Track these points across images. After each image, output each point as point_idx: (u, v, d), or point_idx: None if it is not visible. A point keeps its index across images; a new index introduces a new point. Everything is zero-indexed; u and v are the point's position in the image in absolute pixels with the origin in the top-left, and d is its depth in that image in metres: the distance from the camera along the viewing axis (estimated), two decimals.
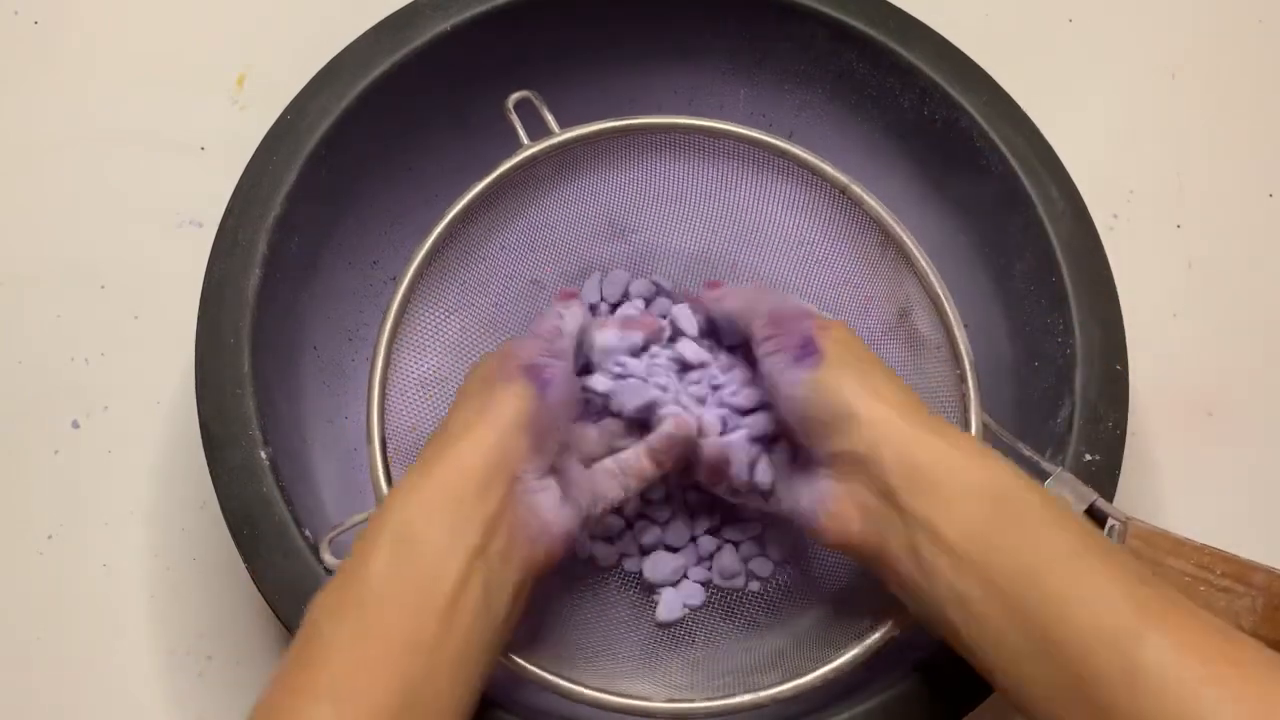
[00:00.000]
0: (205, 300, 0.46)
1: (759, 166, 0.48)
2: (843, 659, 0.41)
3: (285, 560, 0.43)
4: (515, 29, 0.51)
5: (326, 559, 0.42)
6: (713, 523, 0.51)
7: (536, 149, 0.46)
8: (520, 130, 0.46)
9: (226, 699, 0.51)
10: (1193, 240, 0.60)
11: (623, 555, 0.51)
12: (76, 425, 0.54)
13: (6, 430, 0.54)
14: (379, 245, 0.54)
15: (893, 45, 0.51)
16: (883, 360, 0.41)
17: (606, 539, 0.50)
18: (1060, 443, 0.46)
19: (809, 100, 0.55)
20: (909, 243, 0.46)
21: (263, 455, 0.44)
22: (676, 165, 0.49)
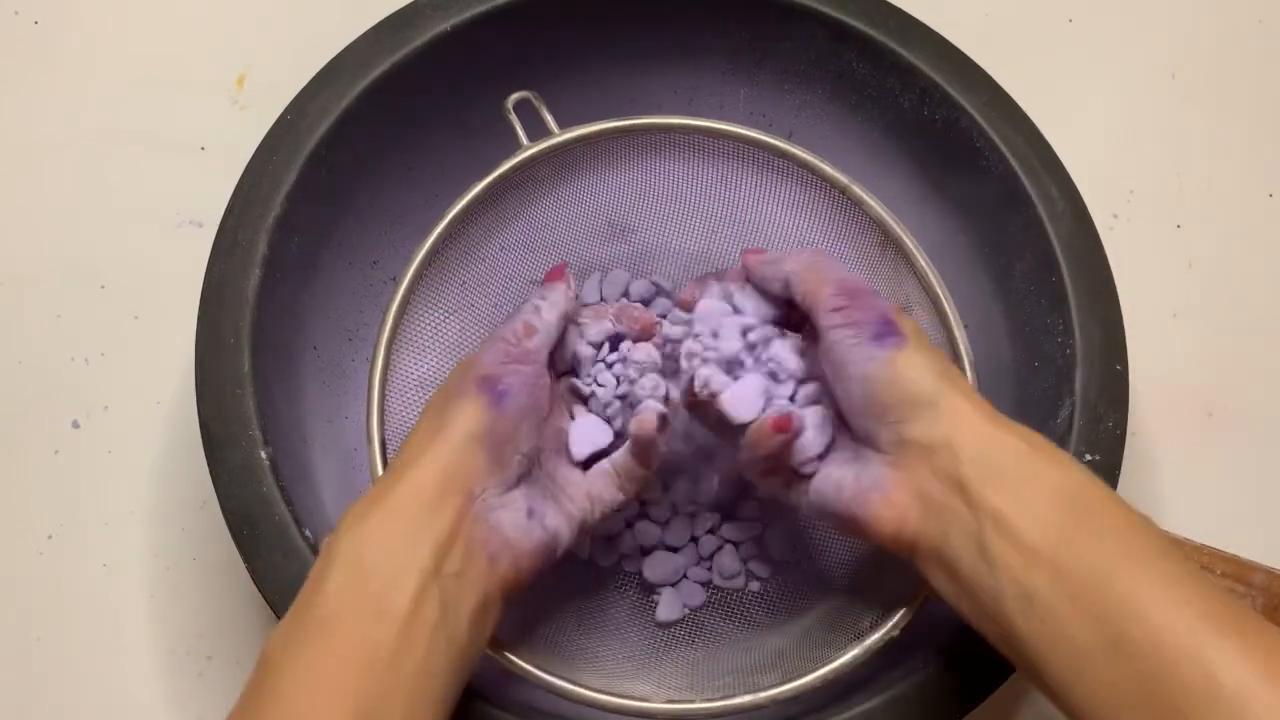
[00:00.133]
0: (205, 300, 0.46)
1: (759, 166, 0.48)
2: (843, 659, 0.41)
3: (285, 560, 0.43)
4: (515, 29, 0.51)
5: None
6: (713, 523, 0.51)
7: (536, 149, 0.46)
8: (520, 130, 0.46)
9: (226, 699, 0.50)
10: (1193, 240, 0.60)
11: (623, 555, 0.51)
12: (76, 425, 0.54)
13: (6, 430, 0.54)
14: (379, 245, 0.54)
15: (893, 45, 0.51)
16: None
17: (606, 538, 0.51)
18: (1060, 443, 0.46)
19: (809, 100, 0.55)
20: (909, 243, 0.46)
21: (263, 455, 0.44)
22: (676, 165, 0.49)
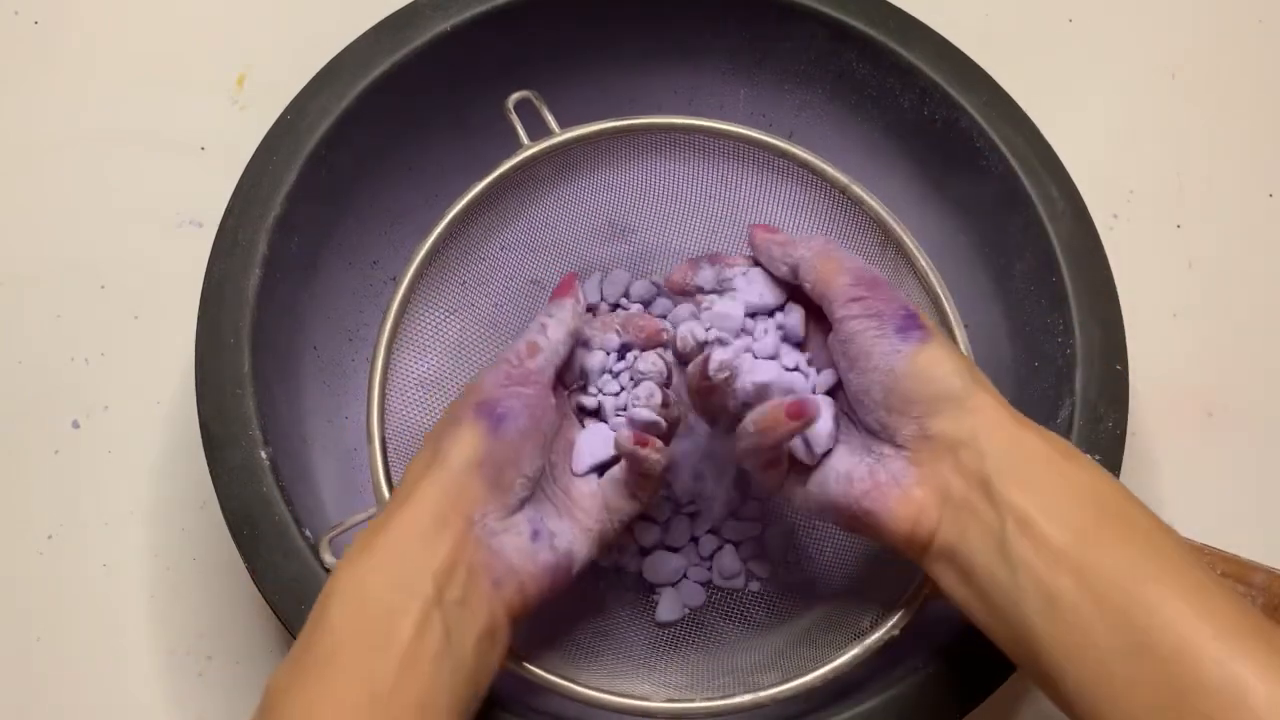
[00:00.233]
0: (205, 300, 0.46)
1: (759, 166, 0.48)
2: (843, 659, 0.41)
3: (285, 560, 0.43)
4: (515, 29, 0.51)
5: (326, 559, 0.42)
6: (713, 523, 0.51)
7: (536, 149, 0.46)
8: (520, 130, 0.46)
9: (226, 699, 0.51)
10: (1193, 240, 0.60)
11: (623, 555, 0.51)
12: (76, 425, 0.54)
13: (6, 430, 0.54)
14: (379, 245, 0.54)
15: (893, 45, 0.51)
16: None
17: None
18: None
19: (809, 100, 0.55)
20: (909, 243, 0.46)
21: (263, 455, 0.44)
22: (676, 165, 0.49)
